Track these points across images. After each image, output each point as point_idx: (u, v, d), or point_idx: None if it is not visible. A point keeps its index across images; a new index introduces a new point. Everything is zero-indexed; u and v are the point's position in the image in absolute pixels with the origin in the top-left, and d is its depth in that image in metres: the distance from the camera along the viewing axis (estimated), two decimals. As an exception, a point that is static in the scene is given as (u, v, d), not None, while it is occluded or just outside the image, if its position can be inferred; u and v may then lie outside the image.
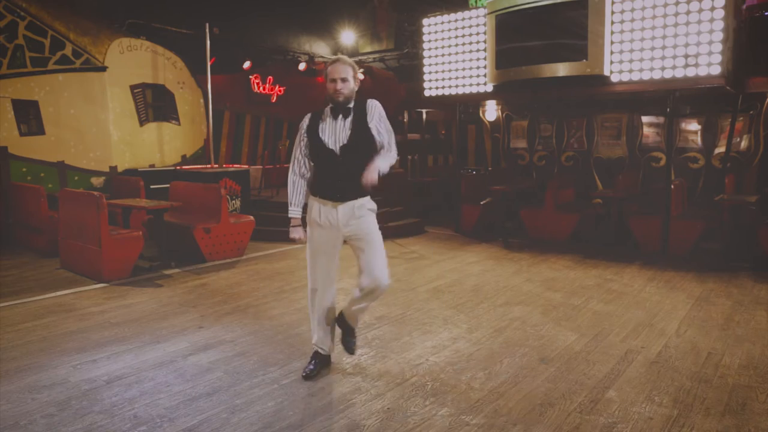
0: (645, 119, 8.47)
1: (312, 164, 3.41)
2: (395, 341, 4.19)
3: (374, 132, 3.26)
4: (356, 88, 3.31)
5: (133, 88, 9.35)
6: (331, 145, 3.26)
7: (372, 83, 13.53)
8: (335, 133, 3.26)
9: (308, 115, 3.40)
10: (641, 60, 6.71)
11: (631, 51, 6.76)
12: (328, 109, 3.33)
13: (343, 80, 3.23)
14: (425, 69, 8.78)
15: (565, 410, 3.12)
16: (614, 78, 6.93)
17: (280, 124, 12.65)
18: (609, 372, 3.63)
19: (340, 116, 3.27)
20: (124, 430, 2.93)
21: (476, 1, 10.23)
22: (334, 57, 3.37)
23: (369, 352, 3.98)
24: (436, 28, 8.60)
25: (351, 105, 3.30)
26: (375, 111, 3.28)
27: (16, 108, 8.14)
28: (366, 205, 3.33)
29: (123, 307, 5.13)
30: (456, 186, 9.18)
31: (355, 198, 3.29)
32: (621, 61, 6.85)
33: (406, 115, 12.80)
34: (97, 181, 8.98)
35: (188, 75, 10.21)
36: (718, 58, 6.22)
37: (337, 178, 3.27)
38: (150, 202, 7.02)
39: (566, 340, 4.22)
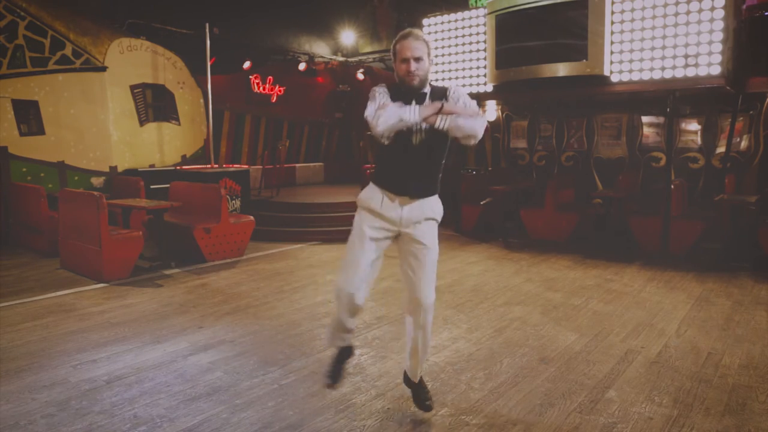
0: (645, 119, 8.46)
1: (379, 150, 2.85)
2: (395, 341, 4.19)
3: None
4: (431, 69, 2.81)
5: (133, 88, 9.35)
6: (406, 135, 2.73)
7: (372, 83, 13.54)
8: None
9: (384, 86, 2.83)
10: (641, 60, 6.70)
11: (631, 51, 6.76)
12: (401, 91, 2.78)
13: (417, 59, 2.71)
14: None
15: (565, 410, 3.12)
16: (614, 78, 6.92)
17: (280, 124, 12.65)
18: (609, 372, 3.63)
19: (413, 103, 2.71)
20: (124, 430, 2.93)
21: (476, 1, 10.23)
22: (404, 31, 2.76)
23: (369, 352, 3.98)
24: (436, 28, 8.60)
25: (426, 90, 2.80)
26: (459, 97, 2.77)
27: (16, 108, 8.14)
28: (435, 208, 2.91)
29: (123, 307, 5.13)
30: (456, 186, 9.18)
31: (426, 196, 2.86)
32: (621, 61, 6.84)
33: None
34: (97, 181, 8.98)
35: (188, 75, 10.21)
36: (718, 58, 6.22)
37: (408, 171, 2.79)
38: (150, 202, 7.02)
39: (566, 340, 4.22)
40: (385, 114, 2.61)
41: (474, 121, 2.66)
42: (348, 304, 2.85)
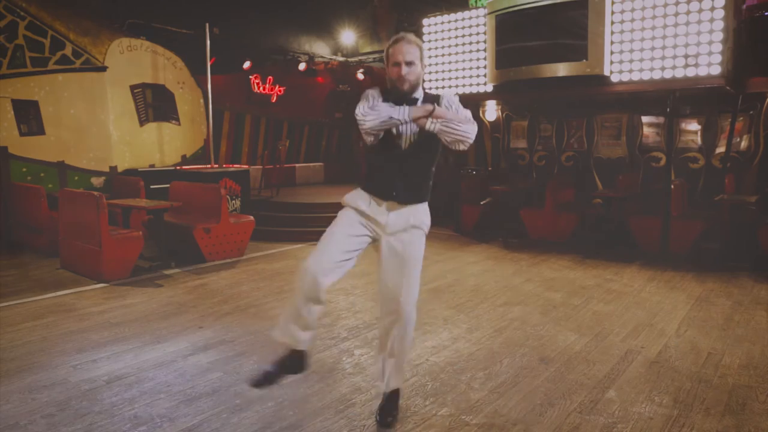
0: (645, 119, 8.46)
1: (369, 155, 2.83)
2: (395, 341, 4.18)
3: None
4: (423, 74, 2.80)
5: (133, 88, 9.34)
6: (396, 139, 2.74)
7: (372, 83, 13.55)
8: (403, 126, 2.72)
9: (377, 89, 2.79)
10: (641, 60, 6.70)
11: (631, 51, 6.75)
12: (393, 95, 2.75)
13: (409, 63, 2.67)
14: (425, 69, 8.76)
15: (565, 410, 3.12)
16: (614, 78, 6.92)
17: (280, 124, 12.65)
18: (609, 372, 3.63)
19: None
20: (124, 430, 2.93)
21: (476, 1, 10.23)
22: (396, 36, 2.76)
23: (369, 352, 3.98)
24: (436, 29, 8.60)
25: (419, 96, 2.76)
26: (451, 104, 2.75)
27: (16, 108, 8.14)
28: (422, 217, 2.83)
29: (123, 307, 5.13)
30: (456, 186, 9.17)
31: (413, 203, 2.80)
32: (621, 61, 6.84)
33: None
34: (97, 181, 8.98)
35: (188, 75, 10.21)
36: (718, 58, 6.22)
37: (395, 176, 2.75)
38: (150, 202, 7.02)
39: (566, 340, 4.22)
40: (374, 111, 2.61)
41: (465, 125, 2.64)
42: (309, 287, 2.67)
